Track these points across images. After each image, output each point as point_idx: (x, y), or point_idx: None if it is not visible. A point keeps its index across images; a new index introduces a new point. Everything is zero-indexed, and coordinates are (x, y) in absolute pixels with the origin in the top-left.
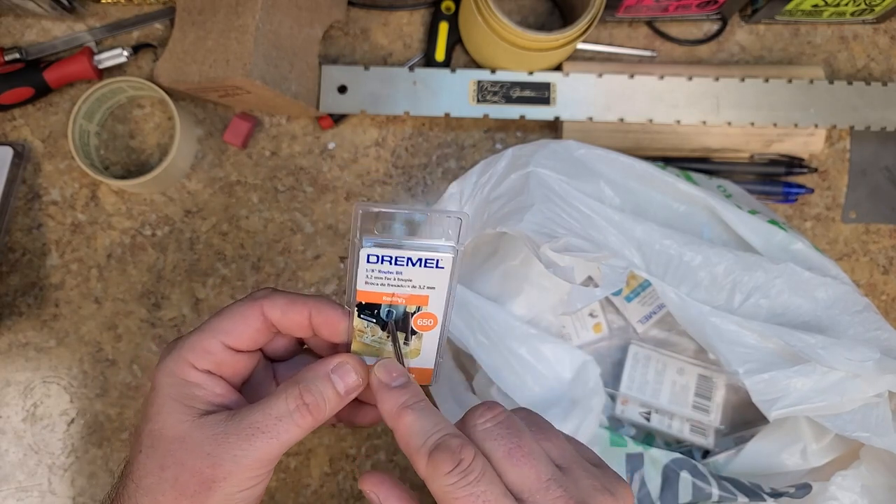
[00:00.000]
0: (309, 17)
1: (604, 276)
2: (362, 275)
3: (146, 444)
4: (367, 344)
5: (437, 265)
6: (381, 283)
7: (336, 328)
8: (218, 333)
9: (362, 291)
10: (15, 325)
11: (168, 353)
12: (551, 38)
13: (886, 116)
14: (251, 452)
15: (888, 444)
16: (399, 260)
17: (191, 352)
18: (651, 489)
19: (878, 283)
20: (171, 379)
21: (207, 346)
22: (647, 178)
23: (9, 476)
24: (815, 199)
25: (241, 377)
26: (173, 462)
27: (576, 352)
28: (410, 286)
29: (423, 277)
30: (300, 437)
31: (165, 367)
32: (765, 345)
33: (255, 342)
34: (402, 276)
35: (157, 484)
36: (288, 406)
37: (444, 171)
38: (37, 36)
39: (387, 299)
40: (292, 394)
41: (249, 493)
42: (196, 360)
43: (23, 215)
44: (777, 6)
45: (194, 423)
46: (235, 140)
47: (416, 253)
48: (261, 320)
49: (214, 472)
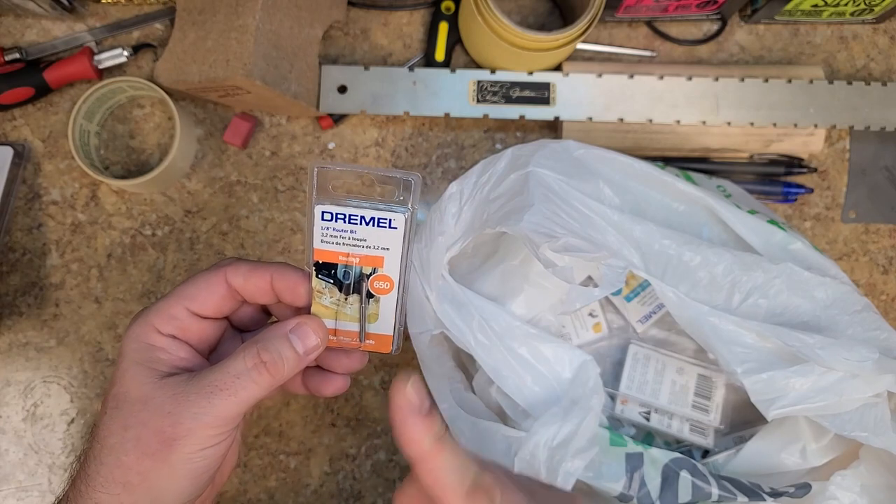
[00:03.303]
0: (309, 17)
1: (603, 275)
2: (318, 233)
3: (111, 405)
4: (327, 306)
5: (389, 225)
6: (336, 241)
7: (297, 291)
8: (183, 299)
9: (318, 250)
10: (15, 324)
11: (135, 319)
12: (551, 39)
13: (886, 116)
14: (210, 410)
15: (887, 443)
16: (352, 218)
17: (156, 316)
18: (651, 489)
19: (878, 283)
20: (137, 344)
21: (172, 311)
22: (647, 178)
23: (9, 476)
24: (814, 198)
25: (207, 344)
26: (135, 422)
27: (575, 351)
28: (364, 246)
29: (377, 238)
30: (259, 395)
31: (131, 331)
32: (763, 344)
33: (220, 309)
34: (355, 235)
35: (120, 444)
36: (246, 364)
37: (443, 171)
38: (37, 36)
39: (342, 259)
40: (250, 353)
41: (212, 452)
42: (161, 325)
43: (23, 215)
44: (776, 6)
45: (156, 384)
46: (235, 140)
47: (368, 212)
48: (224, 287)
49: (175, 430)
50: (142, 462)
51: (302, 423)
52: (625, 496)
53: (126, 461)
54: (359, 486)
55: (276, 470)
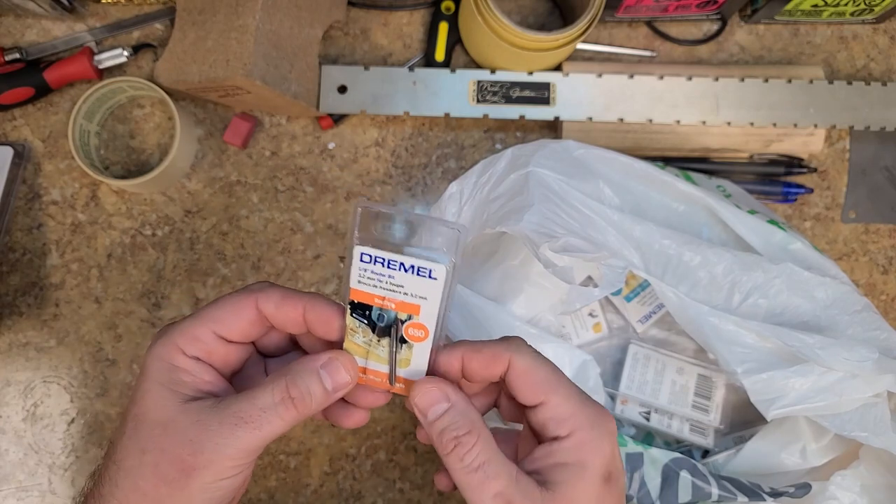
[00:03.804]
0: (309, 17)
1: (603, 275)
2: (355, 273)
3: (130, 426)
4: (359, 344)
5: (429, 275)
6: (374, 284)
7: (330, 325)
8: (210, 322)
9: (355, 290)
10: (15, 324)
11: (159, 337)
12: (551, 39)
13: (886, 116)
14: (233, 442)
15: (887, 443)
16: (392, 263)
17: (181, 337)
18: (651, 488)
19: (878, 283)
20: (160, 363)
21: (198, 333)
22: (647, 178)
23: (9, 476)
24: (814, 198)
25: (232, 368)
26: (154, 447)
27: (575, 351)
28: (402, 293)
29: (416, 286)
30: (284, 430)
31: (155, 350)
32: (763, 344)
33: (248, 334)
34: (394, 280)
35: (137, 467)
36: (273, 398)
37: (443, 171)
38: (37, 36)
39: (378, 301)
40: (279, 386)
41: (229, 483)
42: (186, 346)
43: (23, 215)
44: (776, 6)
45: (179, 407)
46: (235, 140)
47: (409, 259)
48: (254, 313)
49: (195, 459)
50: (159, 489)
51: (302, 423)
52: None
53: (143, 486)
54: (359, 486)
55: (276, 470)
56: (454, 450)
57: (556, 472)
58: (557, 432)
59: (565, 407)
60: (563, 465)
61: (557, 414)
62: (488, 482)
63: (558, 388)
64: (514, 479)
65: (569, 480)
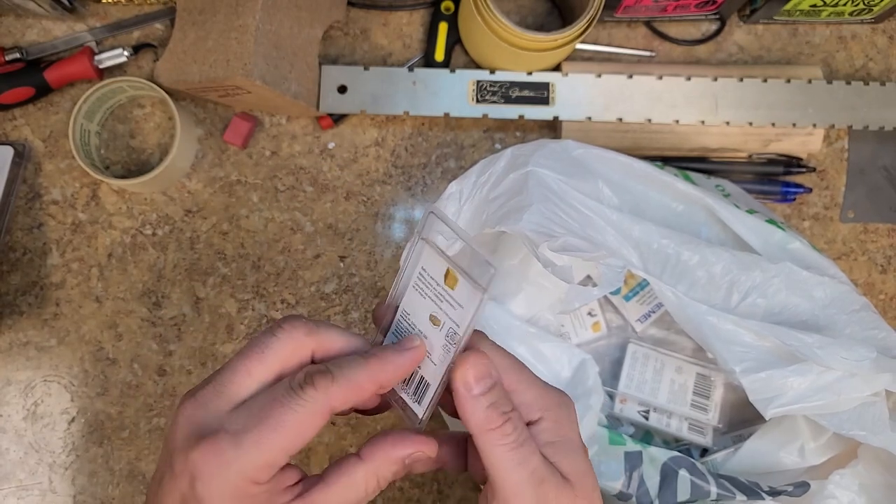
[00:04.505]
0: (309, 17)
1: (602, 275)
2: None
3: None
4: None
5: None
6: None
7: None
8: (284, 443)
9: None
10: (16, 324)
11: (219, 469)
12: (550, 39)
13: (884, 116)
14: None
15: (885, 442)
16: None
17: (252, 467)
18: (650, 487)
19: (876, 283)
20: (229, 493)
21: (271, 460)
22: (646, 178)
23: (9, 475)
24: (813, 198)
25: None
26: None
27: (574, 350)
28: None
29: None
30: None
31: (221, 488)
32: (762, 344)
33: None
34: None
35: None
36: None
37: (443, 171)
38: (37, 36)
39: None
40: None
41: None
42: (259, 476)
43: (23, 215)
44: (775, 6)
45: None
46: (235, 140)
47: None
48: (327, 419)
49: None
50: None
51: None
52: (624, 495)
53: None
54: None
55: None
56: (503, 425)
57: (548, 450)
58: (530, 417)
59: (531, 392)
60: (551, 443)
61: (526, 399)
62: (529, 459)
63: (521, 376)
64: (543, 458)
65: (566, 456)
